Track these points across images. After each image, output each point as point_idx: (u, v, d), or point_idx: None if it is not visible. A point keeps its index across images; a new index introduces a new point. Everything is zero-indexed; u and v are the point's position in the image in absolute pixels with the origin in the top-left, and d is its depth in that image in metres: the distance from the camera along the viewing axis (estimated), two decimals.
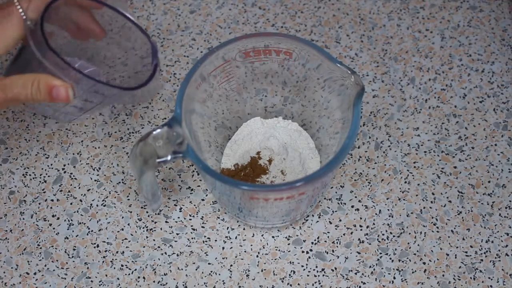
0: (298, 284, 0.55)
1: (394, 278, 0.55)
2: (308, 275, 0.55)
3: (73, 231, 0.58)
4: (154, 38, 0.66)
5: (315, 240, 0.57)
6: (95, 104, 0.53)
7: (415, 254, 0.56)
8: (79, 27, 0.54)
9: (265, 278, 0.55)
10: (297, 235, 0.57)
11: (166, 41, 0.67)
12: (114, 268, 0.56)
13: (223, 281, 0.55)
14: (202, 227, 0.58)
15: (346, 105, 0.51)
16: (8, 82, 0.47)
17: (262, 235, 0.57)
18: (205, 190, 0.59)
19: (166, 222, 0.58)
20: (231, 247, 0.57)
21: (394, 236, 0.57)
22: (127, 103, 0.52)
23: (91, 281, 0.55)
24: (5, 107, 0.49)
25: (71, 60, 0.53)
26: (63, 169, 0.61)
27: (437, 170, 0.60)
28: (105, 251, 0.57)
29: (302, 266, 0.56)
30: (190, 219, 0.58)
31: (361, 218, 0.58)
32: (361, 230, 0.57)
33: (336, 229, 0.57)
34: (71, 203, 0.59)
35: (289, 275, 0.55)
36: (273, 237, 0.57)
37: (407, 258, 0.56)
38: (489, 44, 0.67)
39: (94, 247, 0.57)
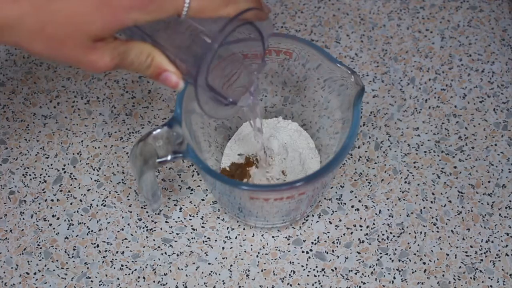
0: (298, 284, 0.55)
1: (394, 278, 0.55)
2: (308, 275, 0.55)
3: (73, 231, 0.58)
4: None
5: (315, 240, 0.57)
6: None
7: (415, 254, 0.56)
8: None
9: (265, 278, 0.55)
10: (297, 235, 0.57)
11: None
12: (114, 268, 0.56)
13: (223, 281, 0.55)
14: (202, 227, 0.58)
15: (346, 105, 0.51)
16: (128, 48, 0.44)
17: (262, 235, 0.57)
18: (205, 190, 0.59)
19: (166, 222, 0.58)
20: (231, 247, 0.57)
21: (394, 236, 0.57)
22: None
23: (91, 281, 0.55)
24: (113, 70, 0.45)
25: None
26: (63, 169, 0.61)
27: (437, 170, 0.60)
28: (105, 251, 0.57)
29: (302, 266, 0.56)
30: (190, 219, 0.58)
31: (361, 218, 0.58)
32: (361, 230, 0.57)
33: (336, 229, 0.57)
34: (71, 203, 0.59)
35: (289, 275, 0.55)
36: (273, 237, 0.57)
37: (407, 258, 0.56)
38: (489, 44, 0.67)
39: (94, 247, 0.57)
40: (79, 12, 0.41)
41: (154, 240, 0.57)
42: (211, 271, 0.56)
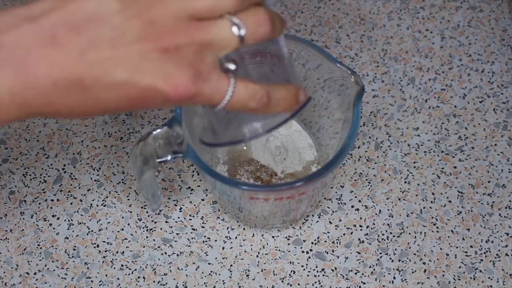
0: (298, 284, 0.55)
1: (394, 278, 0.55)
2: (308, 275, 0.55)
3: (73, 231, 0.58)
4: None
5: (315, 240, 0.57)
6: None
7: (415, 254, 0.56)
8: None
9: (265, 278, 0.55)
10: (297, 235, 0.57)
11: None
12: (114, 268, 0.56)
13: (223, 281, 0.55)
14: (202, 227, 0.58)
15: (346, 105, 0.51)
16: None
17: (262, 235, 0.57)
18: (205, 190, 0.59)
19: (166, 222, 0.58)
20: (231, 247, 0.57)
21: (394, 236, 0.57)
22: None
23: (91, 281, 0.55)
24: None
25: None
26: (63, 169, 0.61)
27: (437, 170, 0.60)
28: (105, 251, 0.57)
29: (302, 266, 0.56)
30: (190, 219, 0.58)
31: (361, 218, 0.58)
32: (361, 230, 0.57)
33: (336, 229, 0.57)
34: (71, 203, 0.59)
35: (289, 275, 0.55)
36: (273, 237, 0.57)
37: (407, 258, 0.56)
38: (489, 44, 0.67)
39: (94, 247, 0.57)
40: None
41: (154, 240, 0.57)
42: (211, 271, 0.56)
